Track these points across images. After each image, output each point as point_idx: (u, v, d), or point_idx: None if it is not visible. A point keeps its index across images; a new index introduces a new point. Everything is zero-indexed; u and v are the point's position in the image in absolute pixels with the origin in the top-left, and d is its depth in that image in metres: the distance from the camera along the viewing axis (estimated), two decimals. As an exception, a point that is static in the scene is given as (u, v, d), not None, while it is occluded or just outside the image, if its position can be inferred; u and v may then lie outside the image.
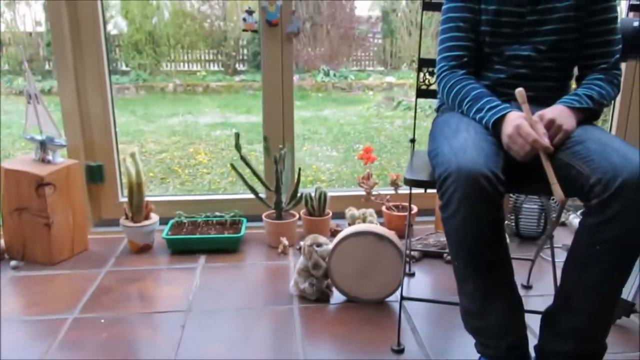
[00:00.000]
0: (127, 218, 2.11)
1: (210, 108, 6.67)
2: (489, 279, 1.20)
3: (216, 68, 8.57)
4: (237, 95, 7.54)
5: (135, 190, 2.07)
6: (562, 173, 1.18)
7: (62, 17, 2.08)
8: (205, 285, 1.86)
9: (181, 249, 2.12)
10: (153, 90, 7.67)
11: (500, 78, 1.41)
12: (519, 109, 1.26)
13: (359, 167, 4.09)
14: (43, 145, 2.01)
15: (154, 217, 2.14)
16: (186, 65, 8.49)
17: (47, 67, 7.40)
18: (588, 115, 1.32)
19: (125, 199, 2.16)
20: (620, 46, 1.41)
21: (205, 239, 2.12)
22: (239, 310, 1.69)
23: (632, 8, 1.61)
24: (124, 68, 8.07)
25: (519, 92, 1.24)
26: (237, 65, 8.65)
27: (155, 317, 1.65)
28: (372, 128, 5.69)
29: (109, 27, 7.77)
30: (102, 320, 1.62)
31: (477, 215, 1.13)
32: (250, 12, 2.12)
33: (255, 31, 2.15)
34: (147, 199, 2.14)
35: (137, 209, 2.09)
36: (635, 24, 1.57)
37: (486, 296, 1.21)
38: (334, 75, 8.42)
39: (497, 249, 1.19)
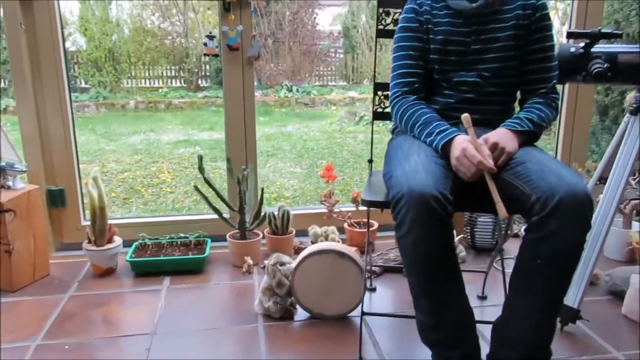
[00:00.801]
0: (89, 242, 2.11)
1: (172, 125, 6.63)
2: (442, 293, 1.27)
3: (178, 84, 8.54)
4: (200, 112, 7.53)
5: (98, 213, 2.08)
6: (506, 192, 1.27)
7: (19, 36, 2.07)
8: (170, 307, 1.88)
9: (145, 271, 2.13)
10: (114, 108, 7.58)
11: (449, 102, 1.50)
12: (467, 132, 1.34)
13: (322, 183, 4.16)
14: (3, 172, 1.99)
15: (118, 240, 2.15)
16: (148, 82, 8.44)
17: (2, 84, 7.23)
18: (529, 137, 1.42)
19: (88, 223, 2.16)
20: (557, 72, 1.53)
21: (169, 261, 2.14)
22: (204, 330, 1.72)
23: (569, 35, 1.73)
24: (83, 85, 7.96)
25: (465, 117, 1.33)
26: (199, 82, 8.64)
27: (120, 341, 1.66)
28: (335, 143, 5.78)
29: (67, 44, 7.66)
30: (67, 347, 1.62)
31: (428, 234, 1.20)
32: (211, 37, 2.17)
33: (216, 55, 2.20)
34: (110, 221, 2.15)
35: (100, 232, 2.09)
36: (572, 49, 1.70)
37: (440, 310, 1.28)
38: (297, 90, 8.51)
39: (448, 265, 1.26)
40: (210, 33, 2.17)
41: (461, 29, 1.48)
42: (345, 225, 2.37)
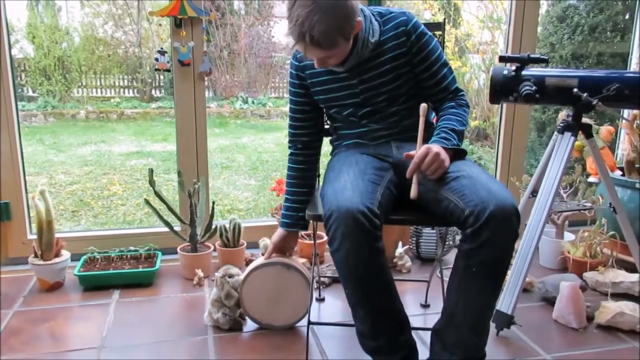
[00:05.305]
0: (36, 256, 2.08)
1: (125, 136, 6.52)
2: (376, 303, 1.34)
3: (131, 95, 8.40)
4: (154, 123, 7.43)
5: (45, 227, 2.05)
6: (442, 206, 1.37)
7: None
8: (119, 320, 1.87)
9: (94, 285, 2.11)
10: (63, 118, 7.38)
11: (366, 130, 1.61)
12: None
13: (276, 196, 4.20)
14: (-56, 185, 1.95)
15: (65, 254, 2.12)
16: (99, 91, 8.26)
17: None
18: (457, 148, 1.49)
19: (35, 236, 2.13)
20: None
21: (118, 274, 2.13)
22: (154, 344, 1.73)
23: (501, 59, 1.85)
24: (30, 94, 7.72)
25: (423, 107, 1.42)
26: (153, 92, 8.53)
27: (67, 357, 1.65)
28: (289, 155, 5.82)
29: (13, 51, 7.43)
30: (10, 363, 1.60)
31: (358, 247, 1.27)
32: (162, 52, 2.20)
33: (168, 70, 2.22)
34: (58, 235, 2.12)
35: (47, 246, 2.07)
36: (505, 72, 1.82)
37: (375, 318, 1.35)
38: (253, 102, 8.53)
39: (380, 274, 1.33)
40: (161, 48, 2.19)
41: (345, 82, 1.56)
42: (296, 237, 2.42)
